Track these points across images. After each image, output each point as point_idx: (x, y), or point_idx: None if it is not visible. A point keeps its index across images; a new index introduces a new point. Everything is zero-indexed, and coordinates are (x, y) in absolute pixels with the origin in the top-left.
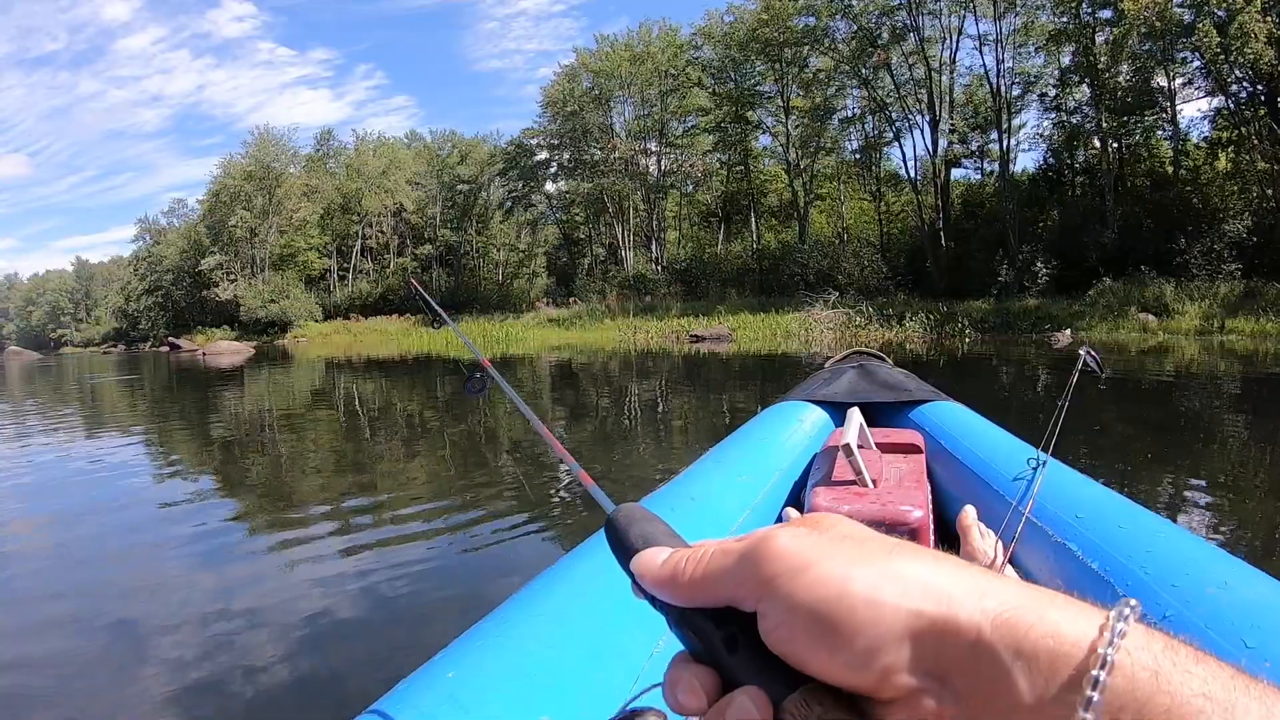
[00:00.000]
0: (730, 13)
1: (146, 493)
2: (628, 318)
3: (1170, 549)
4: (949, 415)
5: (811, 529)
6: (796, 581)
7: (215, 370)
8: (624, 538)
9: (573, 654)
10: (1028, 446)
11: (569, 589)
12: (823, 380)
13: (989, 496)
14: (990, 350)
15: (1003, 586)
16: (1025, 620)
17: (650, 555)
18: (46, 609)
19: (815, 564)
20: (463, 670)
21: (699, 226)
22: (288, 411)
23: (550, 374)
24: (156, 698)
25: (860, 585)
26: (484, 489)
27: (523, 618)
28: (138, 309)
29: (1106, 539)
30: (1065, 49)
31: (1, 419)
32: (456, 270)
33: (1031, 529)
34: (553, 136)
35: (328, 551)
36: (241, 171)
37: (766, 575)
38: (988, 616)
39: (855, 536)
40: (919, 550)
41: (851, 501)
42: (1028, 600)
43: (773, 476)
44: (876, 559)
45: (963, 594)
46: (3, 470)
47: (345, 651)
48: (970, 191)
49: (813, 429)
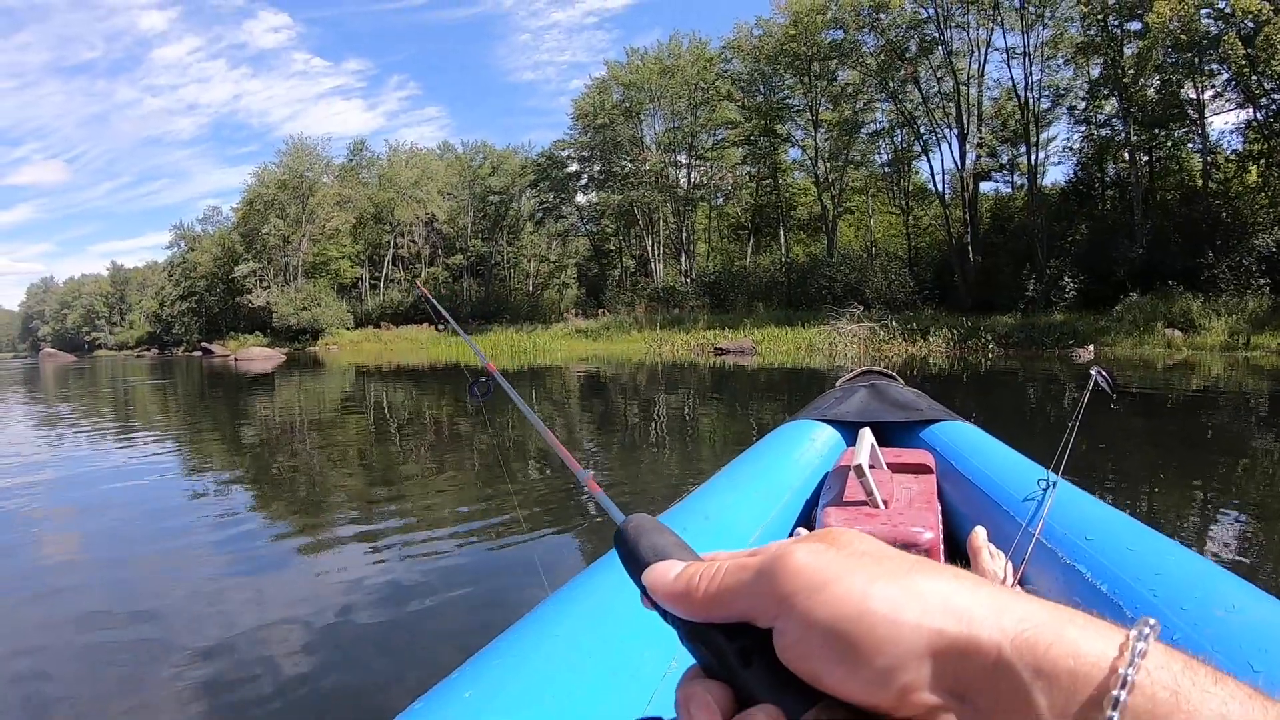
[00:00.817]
0: (759, 26)
1: (175, 494)
2: (655, 329)
3: (1179, 571)
4: (960, 435)
5: (829, 544)
6: (815, 599)
7: (246, 376)
8: (634, 550)
9: (587, 673)
10: (1038, 467)
11: (583, 607)
12: (834, 399)
13: (999, 517)
14: (1012, 366)
15: (1023, 604)
16: (1045, 639)
17: (663, 569)
18: (75, 606)
19: (834, 581)
20: (479, 690)
21: (729, 239)
22: (317, 417)
23: (575, 384)
24: (174, 697)
25: (880, 603)
26: (509, 497)
27: (537, 637)
28: (172, 314)
29: (1115, 561)
30: (1094, 61)
31: (37, 420)
32: (487, 280)
33: (1041, 550)
34: (583, 148)
35: (351, 557)
36: (275, 180)
37: (784, 592)
38: (1007, 635)
39: (874, 553)
40: (938, 567)
41: (863, 522)
42: (1048, 618)
43: (784, 496)
44: (896, 576)
45: (983, 612)
46: (38, 470)
47: (365, 660)
48: (999, 205)
49: (824, 448)
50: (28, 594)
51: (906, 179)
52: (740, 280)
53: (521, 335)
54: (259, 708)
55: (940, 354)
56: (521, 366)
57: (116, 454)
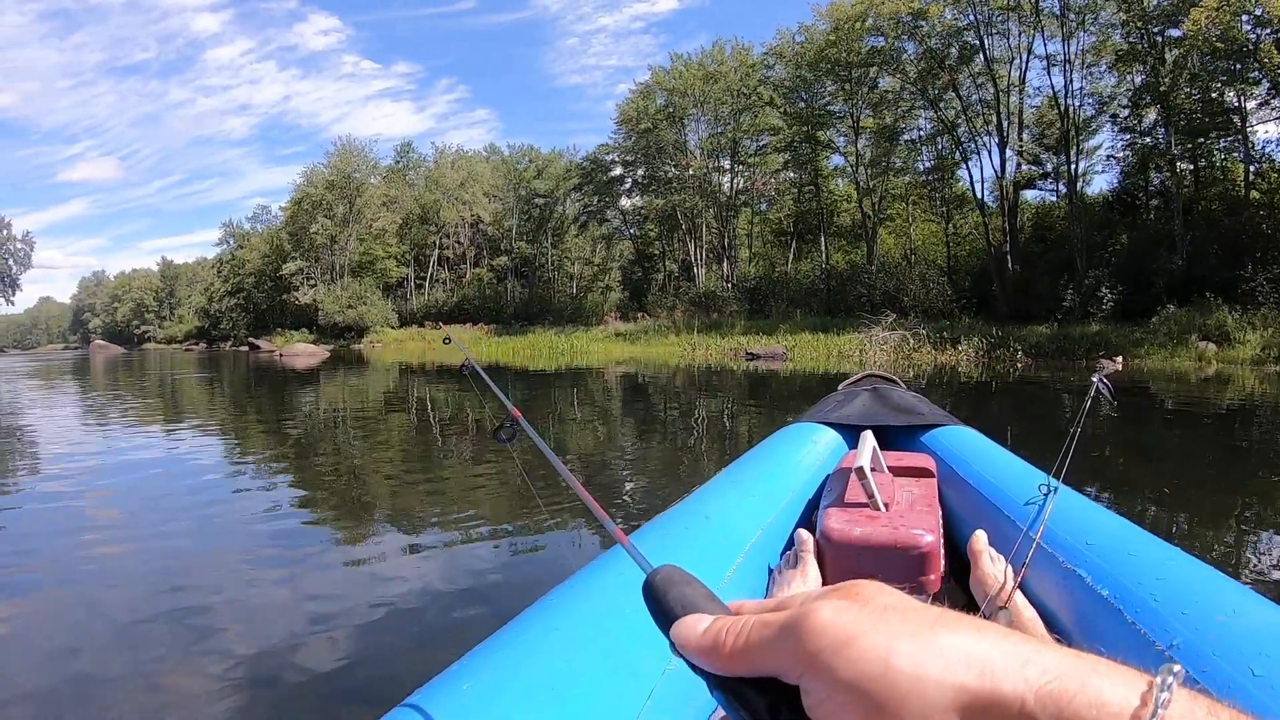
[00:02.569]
0: (801, 32)
1: (219, 483)
2: (692, 334)
3: (1180, 576)
4: (961, 440)
5: (852, 600)
6: (839, 657)
7: (291, 371)
8: (663, 602)
9: (587, 669)
10: (1039, 472)
11: (583, 603)
12: (836, 402)
13: (1000, 522)
14: (1041, 376)
15: (1046, 655)
16: (1069, 690)
17: (691, 623)
18: (118, 591)
19: (858, 638)
20: (478, 683)
21: (771, 244)
22: (360, 413)
23: (607, 386)
24: (210, 680)
25: (903, 659)
26: (540, 499)
27: (538, 631)
28: (220, 309)
29: (1116, 566)
30: (1136, 69)
31: (88, 409)
32: (531, 282)
33: (1042, 555)
34: (627, 152)
35: (388, 551)
36: (323, 181)
37: (809, 651)
38: (1031, 687)
39: (897, 607)
40: (961, 620)
41: (864, 524)
42: (1070, 668)
43: (785, 497)
44: (919, 631)
45: (1006, 664)
46: (86, 458)
47: (396, 650)
48: (1041, 214)
49: (825, 451)
50: (75, 578)
51: (947, 187)
52: (780, 287)
53: (560, 338)
54: (292, 692)
55: (969, 363)
56: (560, 368)
57: (163, 444)
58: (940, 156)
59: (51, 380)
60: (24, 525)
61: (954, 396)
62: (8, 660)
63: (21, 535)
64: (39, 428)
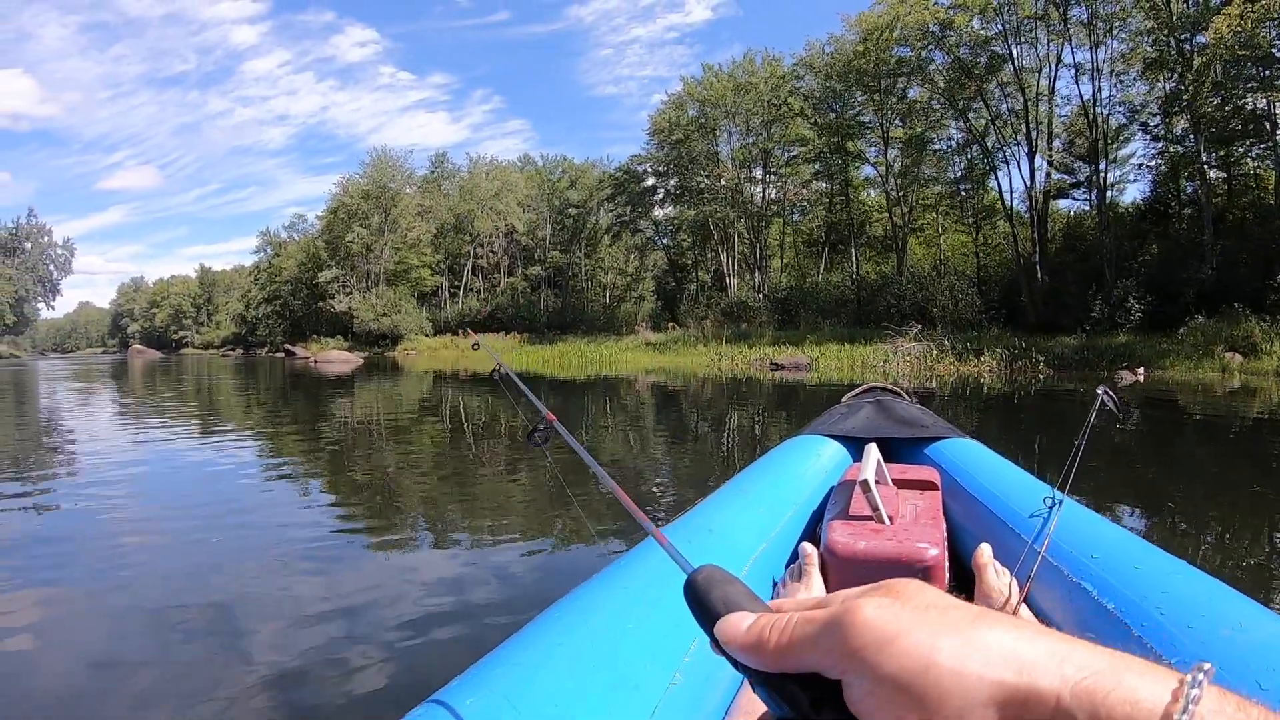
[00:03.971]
0: (831, 43)
1: (252, 486)
2: (720, 344)
3: (1186, 590)
4: (965, 452)
5: (894, 598)
6: (883, 653)
7: (326, 377)
8: (705, 600)
9: (591, 684)
10: (1044, 485)
11: (587, 617)
12: (840, 415)
13: (1004, 535)
14: (1064, 387)
15: (1081, 652)
16: (1104, 686)
17: (735, 621)
18: (152, 590)
19: (901, 635)
20: (480, 698)
21: (803, 254)
22: (394, 420)
23: (635, 395)
24: (240, 680)
25: (946, 656)
26: (575, 505)
27: (541, 645)
28: (256, 316)
29: (1122, 579)
30: (1163, 76)
31: (127, 411)
32: (564, 291)
33: (1047, 568)
34: (660, 163)
35: (418, 558)
36: (359, 190)
37: (852, 647)
38: (1067, 684)
39: (938, 605)
40: (999, 618)
41: (868, 537)
42: (1105, 666)
43: (789, 510)
44: (960, 629)
45: (1043, 661)
46: (124, 458)
47: (424, 655)
48: (1072, 224)
49: (830, 463)
50: (112, 576)
51: (976, 197)
52: (810, 297)
53: (590, 347)
54: (322, 688)
55: (992, 374)
56: (589, 377)
57: (200, 446)
58: (971, 166)
59: (92, 383)
60: (64, 522)
61: (967, 407)
62: (47, 654)
63: (61, 532)
64: (80, 429)
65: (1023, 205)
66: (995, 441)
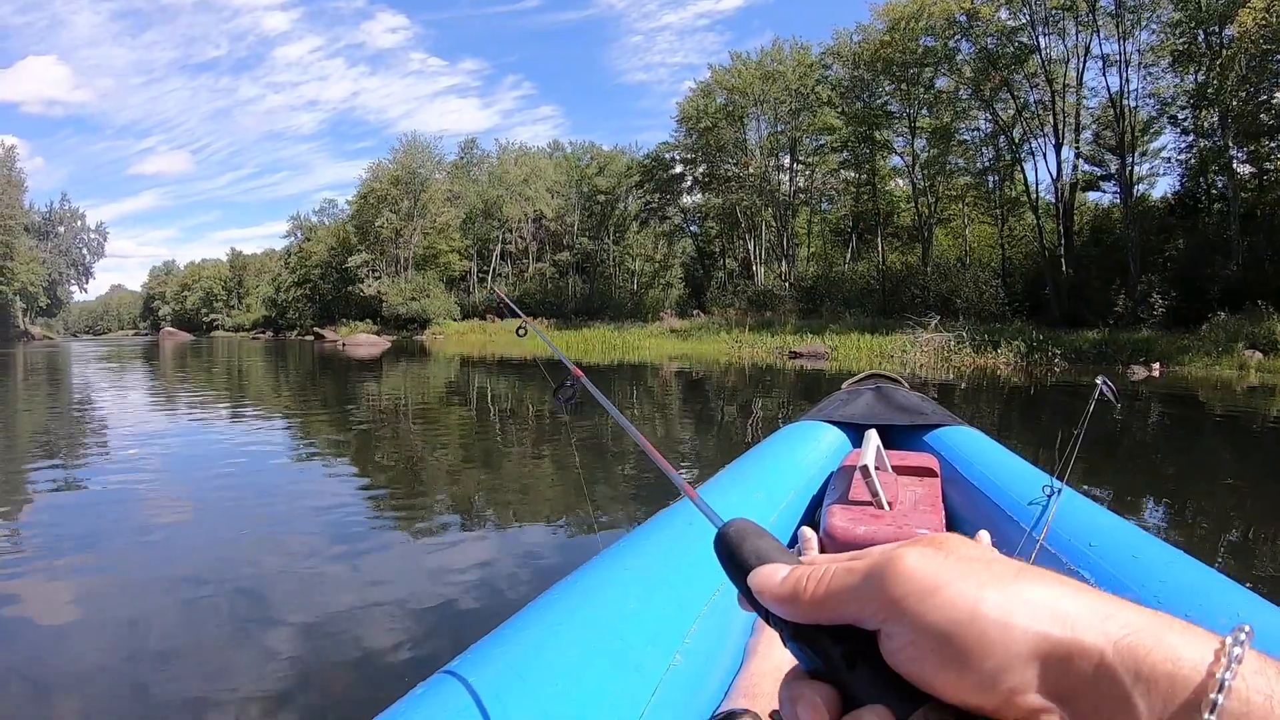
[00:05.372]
0: (858, 32)
1: (281, 466)
2: (743, 331)
3: (1183, 579)
4: (964, 440)
5: (937, 549)
6: (926, 603)
7: (354, 360)
8: (737, 553)
9: (591, 665)
10: (1042, 474)
11: (587, 598)
12: (840, 401)
13: (1003, 522)
14: (1077, 380)
15: (1124, 610)
16: (1145, 644)
17: (769, 572)
18: (183, 568)
19: (946, 585)
20: (481, 678)
21: (830, 244)
22: (421, 402)
23: (656, 380)
24: (264, 661)
25: (991, 607)
26: (600, 487)
27: (542, 626)
28: (286, 299)
29: (1120, 568)
30: (1191, 69)
31: (159, 392)
32: (592, 277)
33: (1045, 556)
34: (688, 150)
35: (443, 541)
36: (389, 176)
37: (894, 595)
38: (1110, 640)
39: (981, 558)
40: (1043, 574)
41: (868, 522)
42: (1147, 624)
43: (789, 495)
44: (1005, 581)
45: (1087, 618)
46: (156, 439)
47: (448, 638)
48: (1099, 217)
49: (829, 449)
50: (142, 556)
51: (1001, 189)
52: (835, 287)
53: (613, 333)
54: (346, 663)
55: (1008, 367)
56: (612, 362)
57: (229, 427)
58: (998, 157)
59: (124, 363)
60: (95, 503)
61: (980, 398)
62: (79, 634)
63: (93, 512)
64: (112, 409)
65: (1050, 197)
66: (1004, 430)
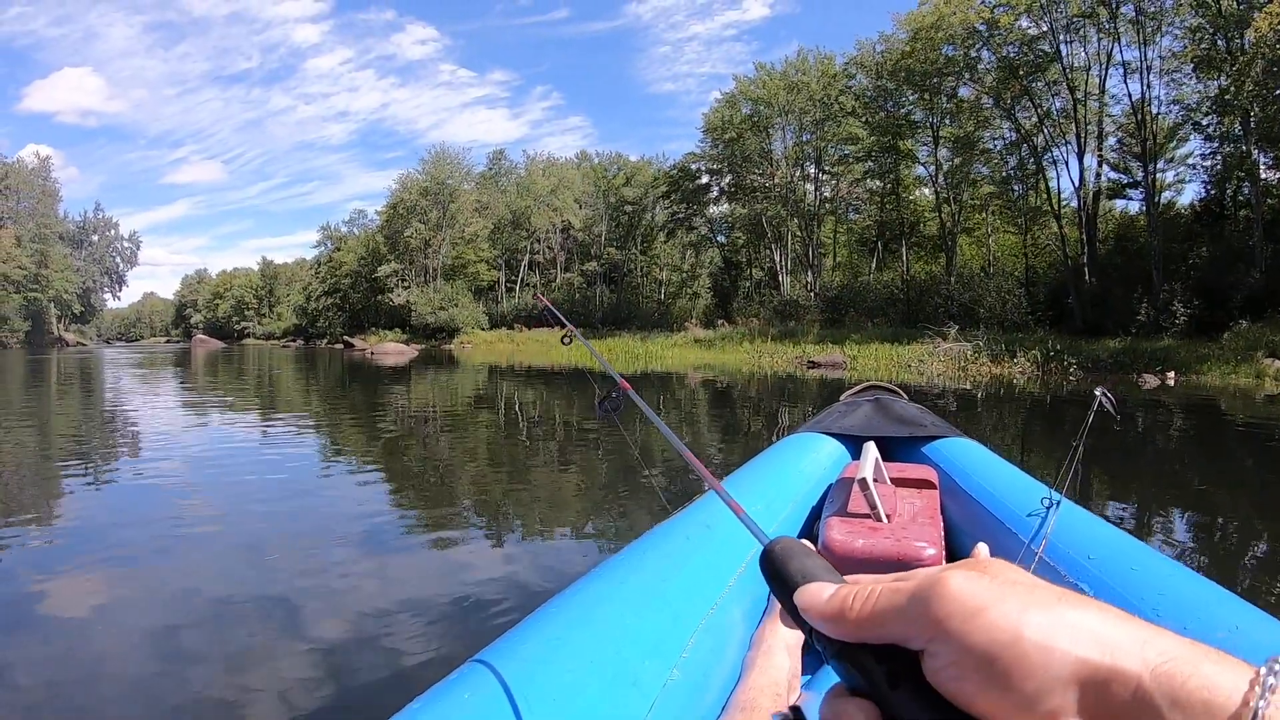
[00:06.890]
0: (881, 42)
1: (309, 472)
2: (765, 341)
3: (1182, 592)
4: (963, 452)
5: (981, 572)
6: (971, 624)
7: (383, 369)
8: (783, 571)
9: (588, 680)
10: (1041, 486)
11: (584, 614)
12: (839, 413)
13: (1001, 535)
14: (1088, 389)
15: (1162, 638)
16: (1183, 671)
17: (815, 590)
18: (211, 571)
19: (990, 607)
20: (478, 692)
21: (856, 253)
22: (450, 411)
23: (680, 390)
24: (291, 664)
25: (1034, 630)
26: (635, 499)
27: (538, 641)
28: (317, 308)
29: (1119, 580)
30: (1213, 75)
31: (192, 399)
32: (620, 287)
33: (1044, 569)
34: (714, 161)
35: (470, 549)
36: (418, 187)
37: (939, 616)
38: (1148, 666)
39: (1025, 582)
40: (1083, 599)
41: (866, 535)
42: (1185, 652)
43: (786, 507)
44: (1047, 605)
45: (1126, 643)
46: (186, 443)
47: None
48: (1124, 225)
49: (828, 461)
50: (170, 558)
51: (1024, 198)
52: (860, 296)
53: (638, 342)
54: (370, 665)
55: (1025, 376)
56: (635, 372)
57: (259, 432)
58: (1023, 163)
59: (157, 370)
60: (126, 505)
61: (987, 406)
62: (107, 634)
63: (124, 515)
64: (145, 413)
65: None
66: (1012, 440)
